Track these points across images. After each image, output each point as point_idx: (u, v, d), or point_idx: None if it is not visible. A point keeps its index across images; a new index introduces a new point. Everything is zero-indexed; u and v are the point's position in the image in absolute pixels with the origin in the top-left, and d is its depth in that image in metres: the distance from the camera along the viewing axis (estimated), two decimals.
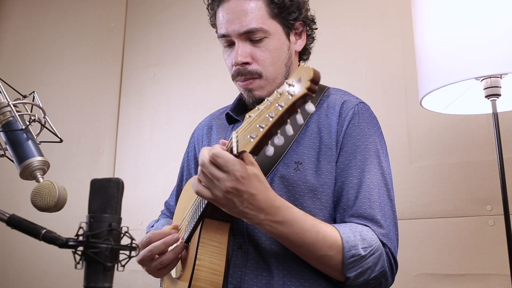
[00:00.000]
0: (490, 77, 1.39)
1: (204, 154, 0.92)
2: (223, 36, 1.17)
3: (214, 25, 1.24)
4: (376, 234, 1.05)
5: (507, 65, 1.30)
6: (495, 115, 1.41)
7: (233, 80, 1.21)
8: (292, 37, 1.21)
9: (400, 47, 1.97)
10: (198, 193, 0.96)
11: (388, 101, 1.94)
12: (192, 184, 0.98)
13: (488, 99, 1.41)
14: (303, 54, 1.29)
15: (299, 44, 1.24)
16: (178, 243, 1.09)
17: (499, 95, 1.40)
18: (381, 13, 2.05)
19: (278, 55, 1.17)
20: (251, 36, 1.14)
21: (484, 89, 1.41)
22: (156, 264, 1.08)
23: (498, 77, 1.39)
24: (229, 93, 1.25)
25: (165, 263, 1.07)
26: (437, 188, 1.78)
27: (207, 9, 1.25)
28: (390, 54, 1.99)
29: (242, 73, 1.16)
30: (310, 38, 1.28)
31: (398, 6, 2.01)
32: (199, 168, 0.94)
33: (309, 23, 1.25)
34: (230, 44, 1.18)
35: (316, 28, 1.29)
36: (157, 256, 1.08)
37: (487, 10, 1.34)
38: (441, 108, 1.62)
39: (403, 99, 1.92)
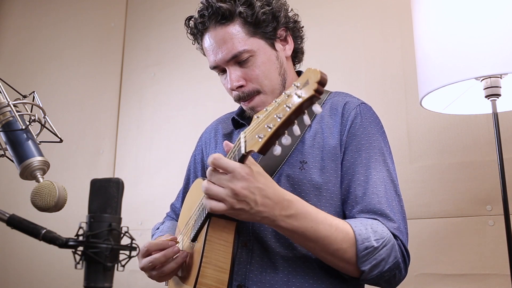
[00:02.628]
0: (490, 77, 1.39)
1: (208, 169, 0.95)
2: (214, 67, 1.22)
3: (205, 55, 1.28)
4: (387, 227, 1.06)
5: (507, 65, 1.30)
6: (495, 115, 1.41)
7: (236, 102, 1.25)
8: (278, 45, 1.23)
9: (400, 47, 1.97)
10: (212, 209, 0.95)
11: (388, 101, 1.94)
12: (204, 203, 0.99)
13: (488, 99, 1.41)
14: (296, 56, 1.31)
15: (288, 49, 1.26)
16: (178, 254, 1.11)
17: (499, 95, 1.40)
18: (381, 13, 2.05)
19: (269, 67, 1.19)
20: (238, 59, 1.17)
21: (484, 89, 1.41)
22: (157, 273, 1.11)
23: (498, 77, 1.39)
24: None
25: (166, 272, 1.10)
26: (437, 188, 1.78)
27: (193, 44, 1.29)
28: (390, 54, 1.99)
29: (241, 97, 1.20)
30: (299, 39, 1.30)
31: (398, 6, 2.01)
32: (205, 185, 0.94)
33: (292, 26, 1.27)
34: (223, 72, 1.22)
35: (302, 27, 1.31)
36: (157, 265, 1.11)
37: (487, 10, 1.34)
38: (441, 108, 1.62)
39: (403, 99, 1.92)
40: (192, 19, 1.25)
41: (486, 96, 1.41)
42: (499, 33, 1.31)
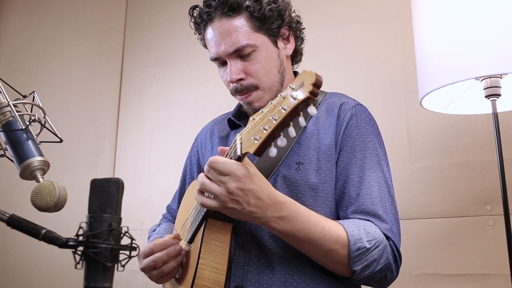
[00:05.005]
0: (490, 77, 1.39)
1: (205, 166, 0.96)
2: (215, 59, 1.21)
3: (206, 46, 1.27)
4: (379, 228, 1.07)
5: (507, 65, 1.30)
6: (495, 115, 1.41)
7: (232, 95, 1.25)
8: (280, 44, 1.24)
9: (400, 47, 1.97)
10: (203, 205, 0.98)
11: (388, 101, 1.94)
12: (195, 197, 1.00)
13: (488, 99, 1.41)
14: (295, 57, 1.32)
15: (289, 48, 1.27)
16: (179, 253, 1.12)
17: (499, 95, 1.40)
18: (381, 13, 2.05)
19: (270, 64, 1.20)
20: (240, 53, 1.18)
21: (484, 89, 1.41)
22: (157, 273, 1.11)
23: (498, 77, 1.39)
24: (229, 93, 1.26)
25: (166, 271, 1.11)
26: (437, 188, 1.78)
27: (195, 34, 1.29)
28: (390, 54, 1.99)
29: (239, 90, 1.20)
30: (299, 40, 1.31)
31: (398, 6, 2.01)
32: (201, 180, 0.96)
33: (294, 26, 1.27)
34: (223, 64, 1.22)
35: (304, 28, 1.32)
36: (159, 265, 1.11)
37: (487, 10, 1.34)
38: (441, 108, 1.62)
39: (403, 99, 1.92)
40: (197, 8, 1.24)
41: (486, 96, 1.41)
42: (499, 33, 1.31)
